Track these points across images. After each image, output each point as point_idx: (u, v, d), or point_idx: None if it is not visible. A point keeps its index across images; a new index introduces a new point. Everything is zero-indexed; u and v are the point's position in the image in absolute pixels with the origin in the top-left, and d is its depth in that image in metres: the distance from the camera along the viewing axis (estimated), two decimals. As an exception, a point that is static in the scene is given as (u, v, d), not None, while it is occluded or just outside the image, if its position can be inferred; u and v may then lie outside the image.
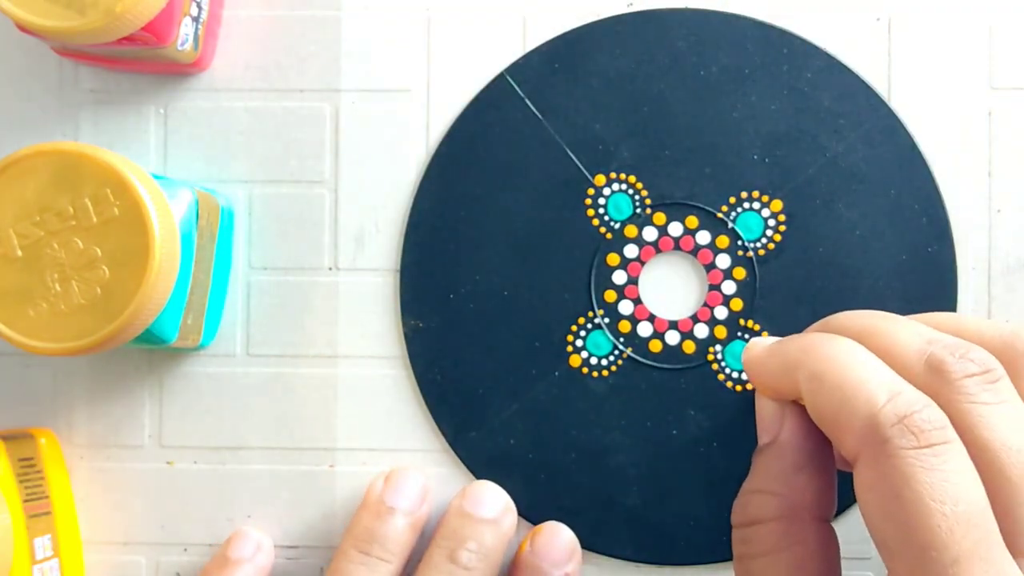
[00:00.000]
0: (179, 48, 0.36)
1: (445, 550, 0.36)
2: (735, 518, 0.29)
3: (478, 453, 0.38)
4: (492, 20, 0.39)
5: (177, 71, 0.38)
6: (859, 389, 0.25)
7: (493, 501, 0.37)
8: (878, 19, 0.38)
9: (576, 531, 0.37)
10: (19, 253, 0.31)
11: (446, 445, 0.38)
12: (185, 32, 0.36)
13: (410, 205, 0.39)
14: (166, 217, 0.32)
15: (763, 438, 0.30)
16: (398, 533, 0.36)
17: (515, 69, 0.38)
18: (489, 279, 0.38)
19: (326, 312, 0.39)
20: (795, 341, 0.29)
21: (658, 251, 0.38)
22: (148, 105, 0.39)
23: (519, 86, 0.38)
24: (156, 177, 0.33)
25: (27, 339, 0.31)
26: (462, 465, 0.38)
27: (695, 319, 0.38)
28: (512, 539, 0.37)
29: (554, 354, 0.38)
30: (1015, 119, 0.38)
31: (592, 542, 0.38)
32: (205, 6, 0.37)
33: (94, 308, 0.31)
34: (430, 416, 0.38)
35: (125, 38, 0.33)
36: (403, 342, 0.38)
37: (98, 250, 0.31)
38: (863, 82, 0.38)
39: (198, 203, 0.35)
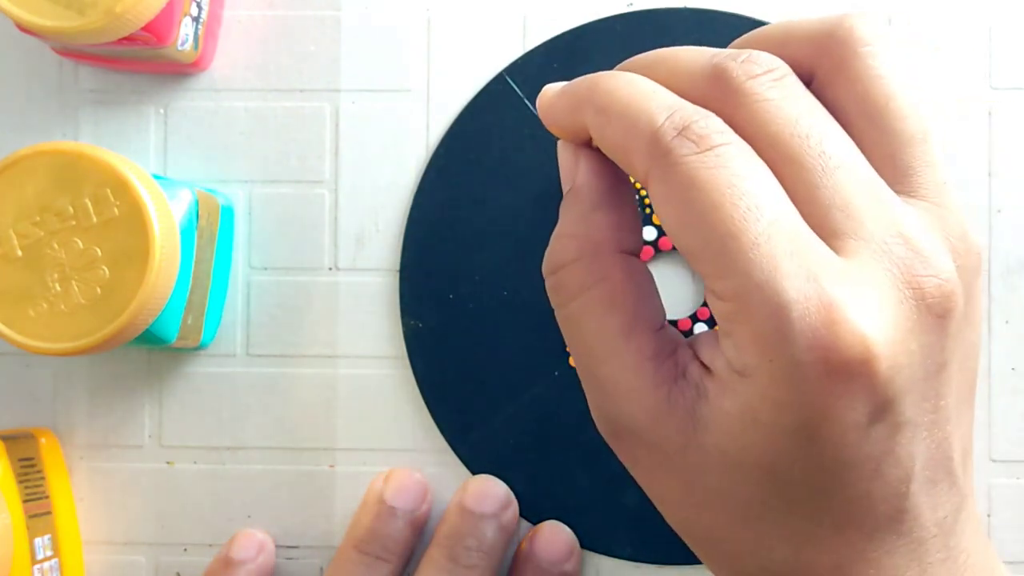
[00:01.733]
0: (179, 48, 0.36)
1: (446, 548, 0.36)
2: (544, 268, 0.29)
3: (478, 453, 0.38)
4: (492, 20, 0.39)
5: (177, 71, 0.38)
6: (640, 113, 0.25)
7: (494, 496, 0.37)
8: (878, 19, 0.38)
9: (576, 531, 0.37)
10: (19, 253, 0.31)
11: (446, 445, 0.38)
12: (185, 32, 0.36)
13: (410, 205, 0.39)
14: (166, 217, 0.32)
15: (565, 186, 0.29)
16: (398, 533, 0.36)
17: (514, 69, 0.39)
18: (489, 279, 0.38)
19: (326, 312, 0.39)
20: (583, 80, 0.28)
21: (657, 251, 0.38)
22: (148, 105, 0.39)
23: (518, 86, 0.38)
24: (156, 177, 0.33)
25: (27, 339, 0.31)
26: (462, 465, 0.38)
27: (694, 319, 0.38)
28: (514, 533, 0.37)
29: (554, 354, 0.38)
30: (1015, 119, 0.38)
31: (592, 542, 0.38)
32: (205, 6, 0.37)
33: (94, 308, 0.31)
34: (430, 416, 0.38)
35: (125, 38, 0.34)
36: (403, 342, 0.38)
37: (98, 250, 0.31)
38: (863, 82, 0.38)
39: (198, 203, 0.35)
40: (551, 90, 0.29)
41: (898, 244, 0.24)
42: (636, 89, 0.26)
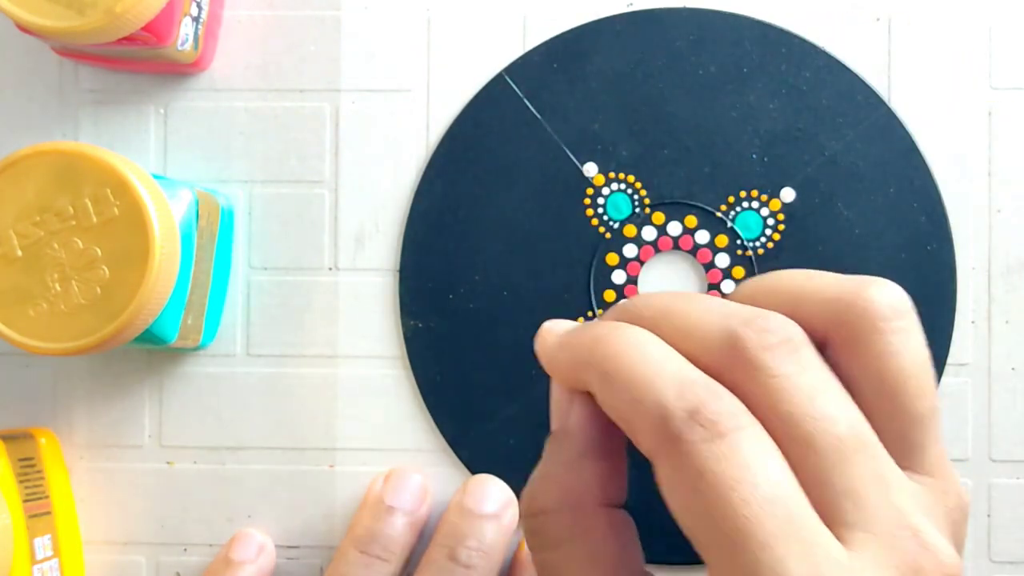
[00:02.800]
0: (179, 48, 0.36)
1: (445, 548, 0.36)
2: (522, 507, 0.28)
3: (478, 453, 0.38)
4: (492, 20, 0.39)
5: (177, 71, 0.38)
6: (647, 387, 0.25)
7: (494, 496, 0.37)
8: (878, 19, 0.38)
9: (576, 531, 0.37)
10: (19, 253, 0.31)
11: (446, 445, 0.38)
12: (185, 32, 0.36)
13: (410, 205, 0.39)
14: (166, 217, 0.32)
15: (554, 425, 0.28)
16: (398, 533, 0.36)
17: (514, 69, 0.39)
18: (489, 279, 0.38)
19: (326, 312, 0.39)
20: (584, 334, 0.27)
21: (657, 250, 0.38)
22: (148, 105, 0.39)
23: (518, 86, 0.38)
24: (156, 177, 0.33)
25: (27, 339, 0.31)
26: (462, 465, 0.38)
27: (695, 319, 0.38)
28: (514, 533, 0.37)
29: (554, 354, 0.38)
30: (1015, 119, 0.38)
31: (592, 542, 0.38)
32: (205, 6, 0.37)
33: (94, 308, 0.31)
34: (430, 416, 0.38)
35: (125, 38, 0.34)
36: (403, 342, 0.38)
37: (98, 250, 0.31)
38: (862, 81, 0.38)
39: (198, 203, 0.35)
40: (551, 336, 0.28)
41: (906, 537, 0.24)
42: (642, 357, 0.25)
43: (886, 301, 0.26)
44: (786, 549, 0.23)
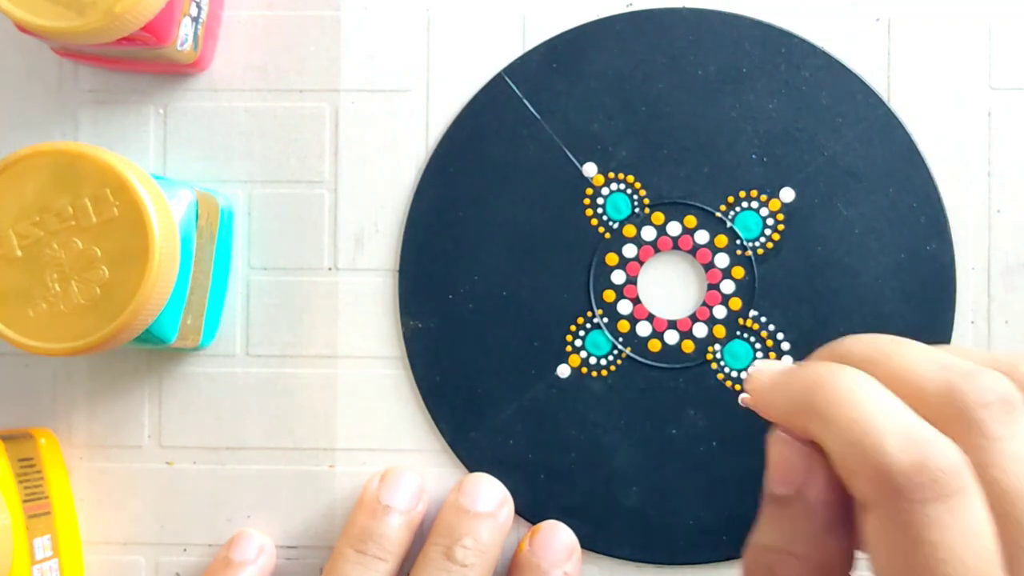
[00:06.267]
0: (179, 48, 0.36)
1: (441, 547, 0.36)
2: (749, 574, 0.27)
3: (478, 453, 0.38)
4: (492, 20, 0.39)
5: (177, 71, 0.38)
6: (869, 432, 0.24)
7: (489, 494, 0.37)
8: (878, 19, 0.38)
9: (576, 531, 0.37)
10: (19, 253, 0.31)
11: (446, 445, 0.38)
12: (185, 32, 0.36)
13: (410, 205, 0.39)
14: (166, 217, 0.32)
15: (780, 487, 0.27)
16: (394, 532, 0.36)
17: (513, 69, 0.39)
18: (488, 279, 0.38)
19: (326, 312, 0.39)
20: (800, 374, 0.26)
21: (657, 251, 0.38)
22: (148, 105, 0.39)
23: (517, 86, 0.38)
24: (156, 177, 0.33)
25: (27, 339, 0.31)
26: (461, 465, 0.38)
27: (694, 318, 0.38)
28: (510, 531, 0.37)
29: (553, 354, 0.38)
30: (1015, 119, 0.38)
31: (592, 542, 0.38)
32: (205, 6, 0.37)
33: (94, 308, 0.31)
34: (430, 416, 0.38)
35: (125, 38, 0.34)
36: (403, 342, 0.38)
37: (98, 250, 0.31)
38: (861, 81, 0.38)
39: (198, 203, 0.35)
40: (763, 375, 0.27)
41: None
42: (864, 397, 0.24)
43: None
44: None
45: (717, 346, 0.38)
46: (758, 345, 0.38)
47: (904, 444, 0.23)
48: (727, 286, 0.38)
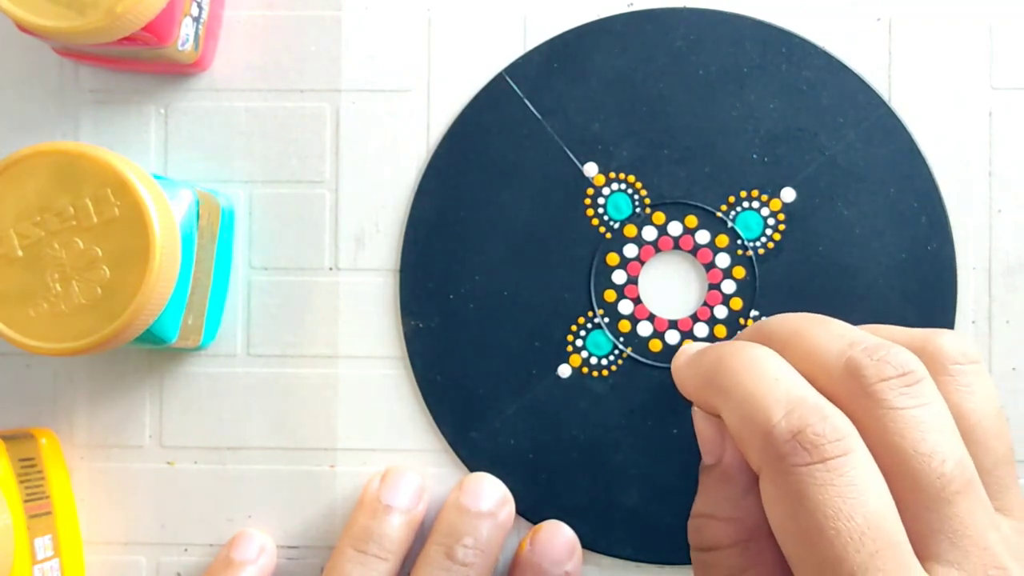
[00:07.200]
0: (180, 48, 0.36)
1: (442, 546, 0.36)
2: (692, 541, 0.28)
3: (478, 453, 0.38)
4: (492, 20, 0.39)
5: (178, 71, 0.38)
6: (758, 403, 0.25)
7: (490, 493, 0.37)
8: (878, 19, 0.38)
9: (576, 530, 0.37)
10: (19, 253, 0.31)
11: (446, 445, 0.38)
12: (185, 32, 0.36)
13: (410, 205, 0.39)
14: (166, 217, 0.32)
15: (707, 458, 0.29)
16: (395, 531, 0.36)
17: (514, 69, 0.39)
18: (489, 279, 0.38)
19: (326, 312, 0.39)
20: (712, 351, 0.28)
21: (658, 250, 0.38)
22: (148, 105, 0.39)
23: (518, 86, 0.38)
24: (156, 177, 0.33)
25: (27, 339, 0.31)
26: (462, 465, 0.38)
27: (695, 318, 0.38)
28: (510, 531, 0.37)
29: (554, 354, 0.38)
30: (1015, 119, 0.38)
31: (592, 541, 0.38)
32: (205, 6, 0.37)
33: (95, 308, 0.31)
34: (430, 416, 0.38)
35: (126, 38, 0.34)
36: (403, 342, 0.38)
37: (98, 250, 0.31)
38: (862, 81, 0.38)
39: (199, 203, 0.35)
40: (683, 355, 0.29)
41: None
42: (758, 374, 0.26)
43: (956, 347, 0.27)
44: None
45: (718, 346, 0.38)
46: (759, 345, 0.38)
47: (787, 412, 0.24)
48: (728, 286, 0.38)
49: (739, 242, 0.38)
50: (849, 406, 0.25)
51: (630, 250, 0.38)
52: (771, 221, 0.38)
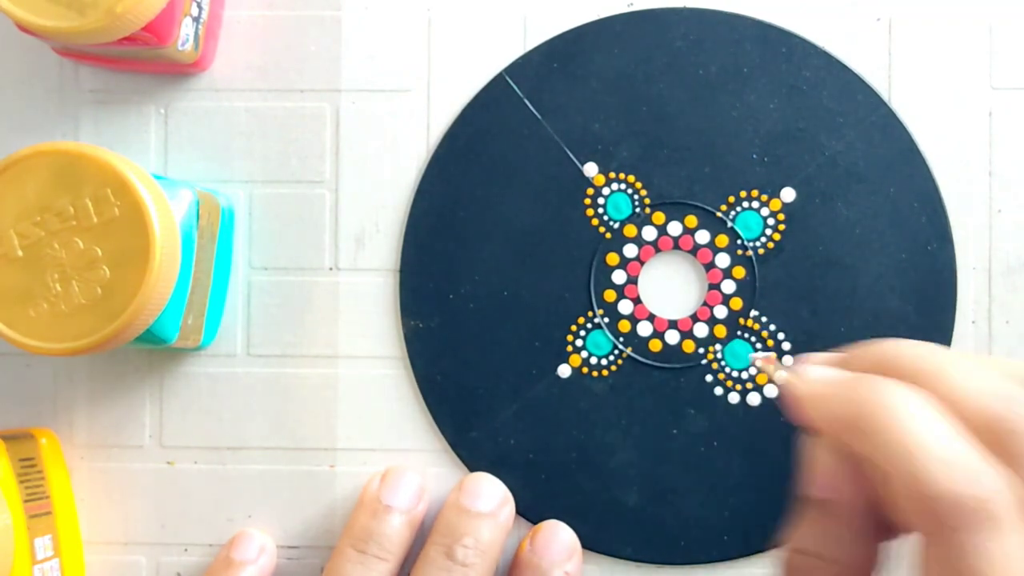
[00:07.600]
0: (180, 48, 0.36)
1: (442, 547, 0.36)
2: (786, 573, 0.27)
3: (478, 453, 0.38)
4: (492, 20, 0.39)
5: (178, 71, 0.38)
6: (916, 457, 0.24)
7: (490, 494, 0.37)
8: (878, 19, 0.38)
9: (576, 530, 0.37)
10: (20, 253, 0.31)
11: (446, 445, 0.38)
12: (185, 32, 0.36)
13: (410, 205, 0.39)
14: (166, 217, 0.32)
15: (817, 491, 0.27)
16: (395, 531, 0.36)
17: (514, 69, 0.39)
18: (489, 279, 0.38)
19: (326, 312, 0.39)
20: (849, 387, 0.26)
21: (657, 250, 0.38)
22: (149, 105, 0.39)
23: (518, 86, 0.38)
24: (157, 177, 0.33)
25: (28, 339, 0.31)
26: (462, 465, 0.38)
27: (695, 318, 0.38)
28: (511, 531, 0.37)
29: (554, 354, 0.38)
30: (1015, 119, 0.38)
31: (592, 541, 0.38)
32: (205, 6, 0.37)
33: (95, 308, 0.31)
34: (430, 416, 0.38)
35: (126, 38, 0.34)
36: (403, 342, 0.38)
37: (98, 250, 0.31)
38: (862, 81, 0.38)
39: (199, 203, 0.35)
40: (811, 381, 0.27)
41: None
42: (911, 425, 0.24)
43: None
44: None
45: (718, 346, 0.38)
46: (759, 345, 0.38)
47: (950, 472, 0.23)
48: (728, 286, 0.38)
49: (739, 242, 0.38)
50: (999, 456, 0.24)
51: (630, 250, 0.38)
52: (771, 221, 0.38)
